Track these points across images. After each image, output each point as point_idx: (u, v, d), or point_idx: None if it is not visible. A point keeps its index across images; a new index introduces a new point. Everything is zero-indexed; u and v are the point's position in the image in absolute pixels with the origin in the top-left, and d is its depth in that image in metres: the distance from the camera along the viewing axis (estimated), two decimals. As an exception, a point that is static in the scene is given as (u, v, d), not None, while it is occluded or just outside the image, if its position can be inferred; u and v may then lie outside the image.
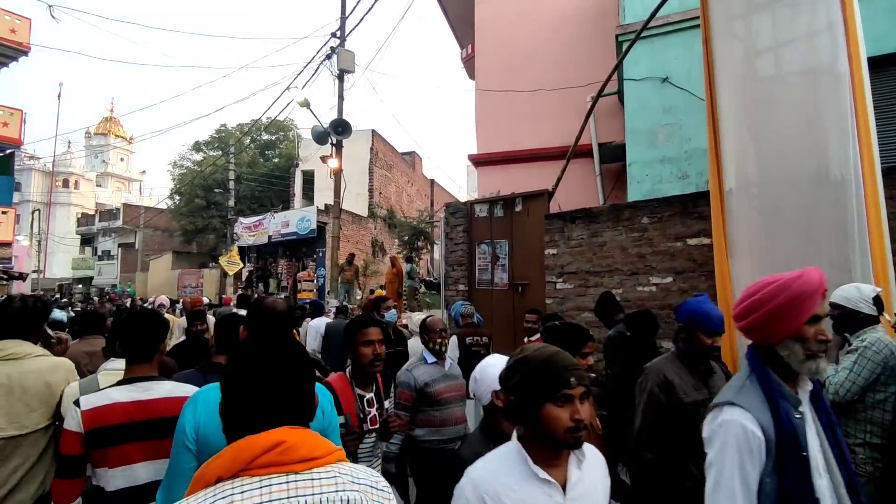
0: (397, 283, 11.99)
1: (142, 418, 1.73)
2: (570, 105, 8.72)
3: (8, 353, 2.07)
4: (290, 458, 0.91)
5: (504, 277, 6.21)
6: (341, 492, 0.93)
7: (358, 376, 2.28)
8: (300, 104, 9.23)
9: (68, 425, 1.70)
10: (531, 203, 5.96)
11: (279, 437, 0.91)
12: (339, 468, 0.97)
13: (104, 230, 35.21)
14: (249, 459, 0.88)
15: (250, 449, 0.89)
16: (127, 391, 1.76)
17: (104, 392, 1.76)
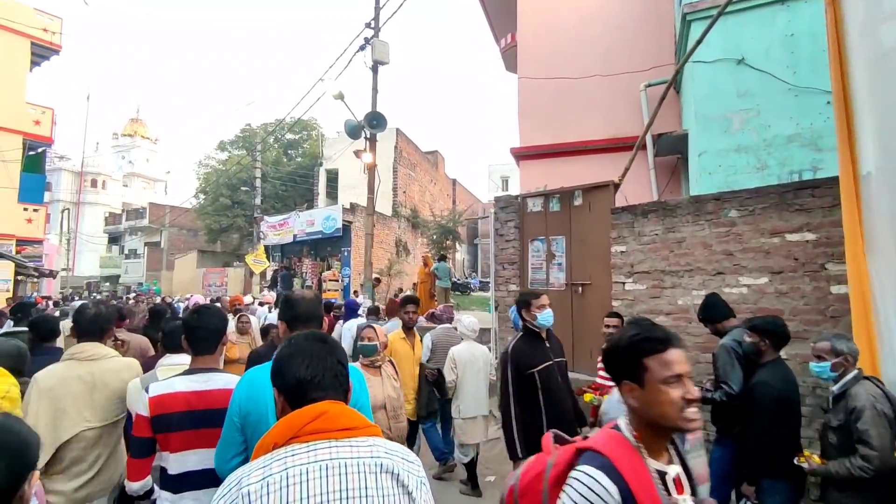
0: (430, 283, 11.59)
1: (200, 408, 1.86)
2: (618, 94, 8.19)
3: (89, 354, 2.34)
4: (332, 427, 1.09)
5: (560, 277, 5.73)
6: (376, 458, 1.08)
7: None
8: (334, 97, 8.88)
9: (138, 410, 1.86)
10: (593, 196, 5.46)
11: (323, 408, 1.11)
12: (375, 440, 1.13)
13: (131, 229, 35.67)
14: (299, 428, 1.08)
15: (299, 419, 1.09)
16: (189, 381, 1.90)
17: (169, 381, 1.91)
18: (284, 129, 26.04)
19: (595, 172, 6.67)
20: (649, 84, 7.77)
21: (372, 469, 1.07)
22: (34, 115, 17.62)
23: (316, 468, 1.03)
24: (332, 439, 1.08)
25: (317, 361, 1.19)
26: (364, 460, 1.07)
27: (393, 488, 1.08)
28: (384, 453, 1.11)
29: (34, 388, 2.20)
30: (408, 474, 1.12)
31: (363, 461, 1.07)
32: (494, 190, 43.61)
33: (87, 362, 2.33)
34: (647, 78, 7.88)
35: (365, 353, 3.23)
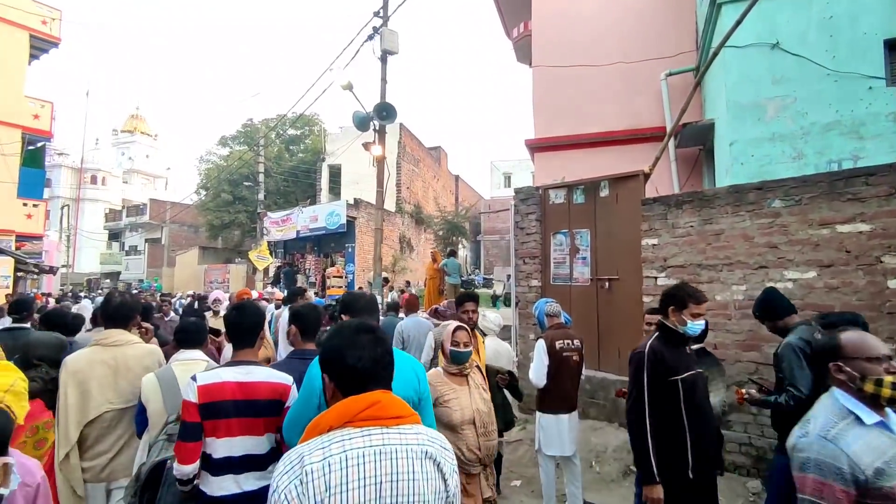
0: (439, 279, 11.33)
1: (243, 398, 1.95)
2: (637, 84, 7.94)
3: (114, 340, 2.48)
4: (384, 415, 1.19)
5: (585, 272, 5.48)
6: (422, 445, 1.20)
7: None
8: (343, 87, 8.61)
9: (187, 396, 1.93)
10: (621, 187, 5.21)
11: (376, 397, 1.21)
12: (419, 428, 1.25)
13: (131, 225, 35.39)
14: (354, 414, 1.18)
15: (355, 405, 1.19)
16: (234, 372, 1.98)
17: (216, 371, 2.01)
18: (287, 124, 25.74)
19: (614, 164, 6.43)
20: (671, 73, 7.53)
21: (418, 455, 1.17)
22: (33, 109, 17.33)
23: (371, 452, 1.13)
24: (384, 426, 1.17)
25: (368, 352, 1.26)
26: (412, 447, 1.18)
27: (434, 472, 1.19)
28: (427, 441, 1.22)
29: (63, 371, 2.39)
30: (444, 461, 1.22)
31: (411, 447, 1.17)
32: (497, 186, 43.36)
33: (112, 348, 2.48)
34: (668, 66, 7.63)
35: (458, 360, 2.66)
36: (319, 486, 1.07)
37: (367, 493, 1.10)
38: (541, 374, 3.65)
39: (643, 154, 7.65)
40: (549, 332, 3.82)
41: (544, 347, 3.69)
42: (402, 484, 1.13)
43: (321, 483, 1.08)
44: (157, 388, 2.29)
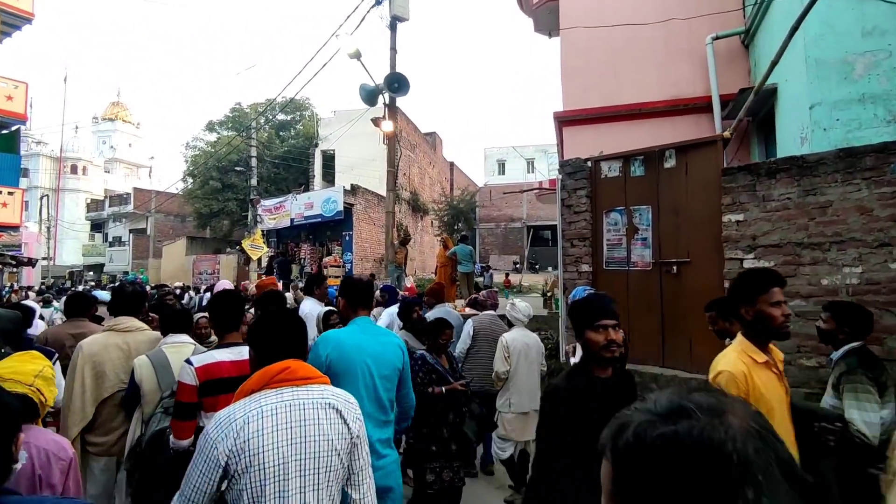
0: (451, 267, 10.61)
1: (238, 374, 2.05)
2: (678, 49, 7.22)
3: (126, 326, 2.76)
4: (294, 377, 1.52)
5: (646, 255, 4.80)
6: (325, 398, 1.53)
7: None
8: (350, 55, 7.78)
9: (184, 379, 2.13)
10: (693, 156, 4.51)
11: (287, 364, 1.54)
12: (326, 387, 1.58)
13: (115, 216, 34.07)
14: (270, 378, 1.50)
15: (270, 371, 1.51)
16: (227, 353, 2.21)
17: (209, 353, 2.23)
18: (278, 108, 24.64)
19: (654, 137, 5.73)
20: (717, 36, 6.81)
21: (322, 406, 1.51)
22: (6, 90, 16.13)
23: (283, 405, 1.46)
24: (295, 386, 1.52)
25: (279, 330, 1.64)
26: (316, 399, 1.52)
27: (336, 418, 1.52)
28: (331, 395, 1.56)
29: (80, 354, 2.58)
30: (346, 411, 1.56)
31: (315, 400, 1.52)
32: (490, 174, 42.58)
33: (124, 333, 2.71)
34: (712, 30, 6.91)
35: None
36: (241, 434, 1.39)
37: (280, 435, 1.42)
38: None
39: (685, 127, 6.98)
40: None
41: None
42: (308, 427, 1.47)
43: (243, 432, 1.39)
44: (150, 369, 2.50)
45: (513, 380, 3.91)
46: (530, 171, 42.43)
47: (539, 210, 37.31)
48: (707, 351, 3.23)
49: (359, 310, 2.45)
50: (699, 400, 0.54)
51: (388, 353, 2.33)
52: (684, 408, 0.53)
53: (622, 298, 4.90)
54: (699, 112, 7.06)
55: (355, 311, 2.44)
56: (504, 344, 3.92)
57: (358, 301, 2.46)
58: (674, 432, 0.51)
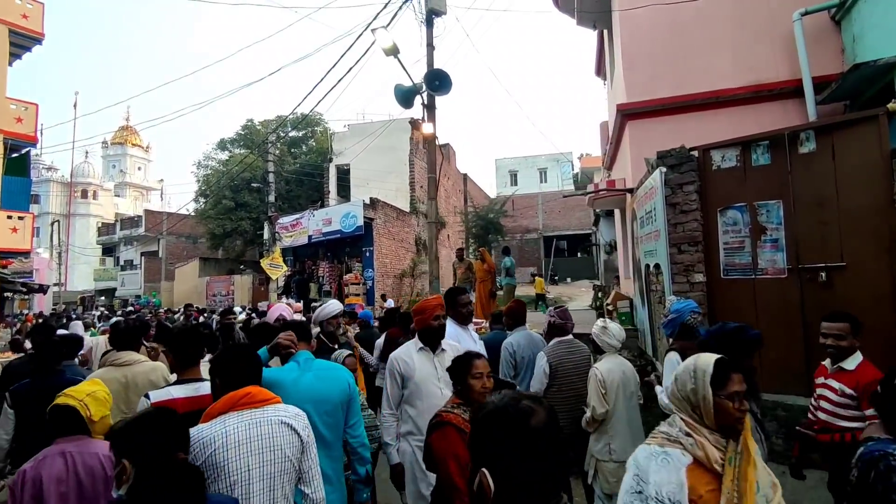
0: (490, 281, 9.79)
1: (194, 409, 2.12)
2: (757, 29, 6.46)
3: (124, 360, 2.87)
4: (254, 400, 1.84)
5: (778, 259, 3.96)
6: (280, 416, 1.85)
7: None
8: (386, 51, 7.07)
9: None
10: (842, 137, 3.69)
11: (248, 390, 1.86)
12: (279, 406, 1.91)
13: (126, 239, 33.61)
14: (235, 402, 1.81)
15: (235, 397, 1.82)
16: (183, 389, 2.29)
17: (166, 390, 2.32)
18: (290, 124, 24.14)
19: (735, 129, 4.95)
20: (806, 11, 6.04)
21: (276, 423, 1.83)
22: (16, 112, 15.66)
23: (244, 424, 1.78)
24: (254, 408, 1.83)
25: (239, 361, 1.97)
26: (272, 417, 1.84)
27: (288, 431, 1.84)
28: (283, 413, 1.88)
29: None
30: (296, 424, 1.88)
31: (271, 418, 1.83)
32: (503, 185, 41.89)
33: (123, 367, 2.84)
34: (794, 6, 6.13)
35: None
36: (208, 449, 1.70)
37: (243, 449, 1.74)
38: None
39: (771, 115, 6.17)
40: (683, 344, 3.00)
41: (678, 361, 2.75)
42: (266, 440, 1.79)
43: (210, 447, 1.71)
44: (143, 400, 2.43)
45: (611, 421, 3.16)
46: (543, 181, 41.75)
47: (555, 220, 36.56)
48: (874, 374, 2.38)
49: (300, 343, 2.58)
50: (521, 405, 1.02)
51: (329, 389, 2.40)
52: (507, 409, 1.03)
53: (748, 312, 4.06)
54: (785, 98, 6.26)
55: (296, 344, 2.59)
56: (598, 378, 3.16)
57: (300, 336, 2.60)
58: (497, 424, 1.01)
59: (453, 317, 3.26)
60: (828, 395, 2.57)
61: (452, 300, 3.32)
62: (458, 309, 3.32)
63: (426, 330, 2.75)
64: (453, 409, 2.08)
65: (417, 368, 2.72)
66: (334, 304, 3.74)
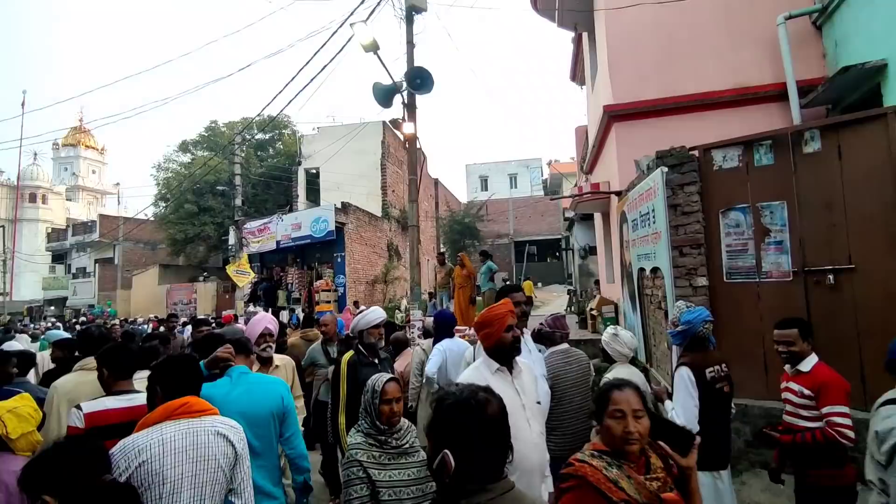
0: (469, 287, 9.54)
1: (128, 420, 2.12)
2: (742, 32, 6.46)
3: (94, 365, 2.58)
4: (191, 410, 1.85)
5: (783, 262, 3.85)
6: (215, 427, 1.87)
7: None
8: (365, 47, 6.75)
9: (71, 422, 2.21)
10: (849, 135, 3.60)
11: (186, 400, 1.87)
12: (216, 417, 1.92)
13: (79, 245, 31.82)
14: (171, 411, 1.82)
15: (171, 406, 1.83)
16: (116, 400, 2.29)
17: (100, 400, 2.30)
18: (256, 126, 23.36)
19: (721, 132, 4.88)
20: (790, 15, 6.06)
21: (211, 433, 1.84)
22: (-45, 108, 14.48)
23: (179, 433, 1.79)
24: (191, 418, 1.84)
25: (179, 372, 1.98)
26: (207, 427, 1.85)
27: (222, 441, 1.86)
28: (220, 424, 1.89)
29: (55, 393, 2.69)
30: (231, 435, 1.90)
31: (206, 428, 1.84)
32: (474, 190, 41.86)
33: (94, 371, 2.59)
34: (778, 10, 6.16)
35: None
36: (142, 456, 1.71)
37: (177, 457, 1.75)
38: (692, 414, 2.64)
39: (756, 118, 6.14)
40: (694, 356, 2.80)
41: (691, 378, 2.68)
42: (200, 450, 1.79)
43: (144, 454, 1.71)
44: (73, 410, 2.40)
45: None
46: (514, 187, 41.98)
47: (525, 225, 36.77)
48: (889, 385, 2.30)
49: (238, 357, 2.61)
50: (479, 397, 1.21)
51: (260, 403, 2.45)
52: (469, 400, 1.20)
53: (752, 317, 3.93)
54: (771, 101, 6.27)
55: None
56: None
57: (237, 349, 2.64)
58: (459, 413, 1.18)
59: None
60: (790, 397, 2.68)
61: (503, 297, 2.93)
62: None
63: (499, 347, 2.22)
64: (592, 459, 1.52)
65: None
66: (376, 312, 3.27)
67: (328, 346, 4.49)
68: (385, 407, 2.09)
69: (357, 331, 3.24)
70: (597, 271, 15.70)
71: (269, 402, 2.48)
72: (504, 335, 2.19)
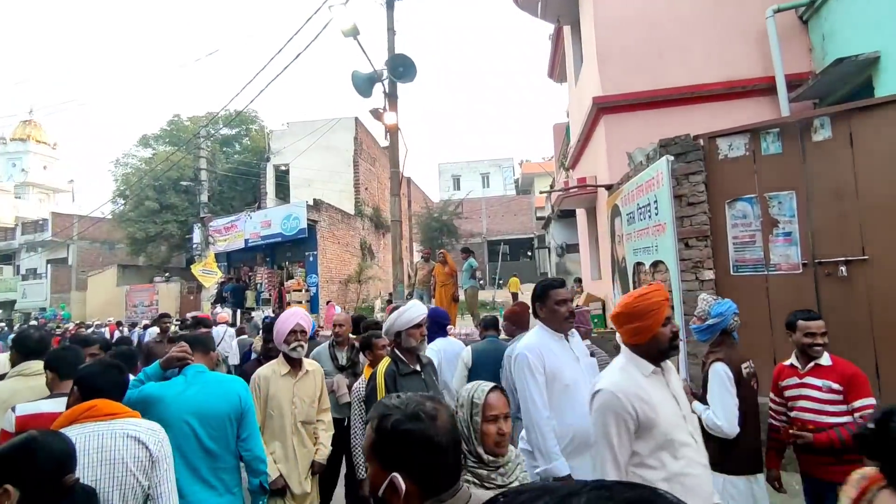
0: (452, 285, 9.27)
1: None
2: (731, 26, 6.41)
3: (34, 370, 2.68)
4: (98, 414, 1.80)
5: (791, 253, 3.72)
6: (126, 430, 1.79)
7: None
8: (345, 32, 6.39)
9: (4, 427, 2.16)
10: (861, 122, 3.49)
11: (93, 403, 1.82)
12: (130, 420, 1.86)
13: (28, 245, 29.99)
14: (77, 415, 1.78)
15: (77, 410, 1.80)
16: (54, 403, 2.21)
17: (35, 403, 2.25)
18: (221, 121, 22.48)
19: (710, 124, 4.79)
20: (779, 9, 6.04)
21: (121, 436, 1.78)
22: None
23: (83, 437, 1.72)
24: (98, 421, 1.78)
25: (95, 374, 1.95)
26: (117, 431, 1.78)
27: (134, 444, 1.78)
28: (132, 427, 1.82)
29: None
30: (148, 437, 1.83)
31: (115, 432, 1.78)
32: (445, 190, 41.65)
33: (33, 377, 2.66)
34: (774, 2, 6.12)
35: None
36: None
37: (79, 461, 1.59)
38: (733, 415, 2.44)
39: (744, 111, 6.09)
40: (728, 351, 2.61)
41: (728, 374, 2.48)
42: (105, 452, 1.73)
43: None
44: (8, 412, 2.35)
45: None
46: (486, 186, 41.97)
47: (498, 224, 36.78)
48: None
49: (196, 355, 2.51)
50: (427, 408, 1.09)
51: (215, 402, 2.37)
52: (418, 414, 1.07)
53: (760, 311, 3.79)
54: (760, 94, 6.25)
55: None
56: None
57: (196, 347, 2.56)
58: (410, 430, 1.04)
59: (545, 320, 2.48)
60: (809, 393, 2.52)
61: (544, 295, 2.48)
62: (553, 308, 2.45)
63: (656, 344, 1.79)
64: None
65: (659, 406, 1.72)
66: (416, 308, 2.69)
67: (337, 349, 3.95)
68: (490, 427, 1.60)
69: (392, 333, 2.68)
70: (574, 269, 15.69)
71: (225, 403, 2.40)
72: (662, 330, 1.77)
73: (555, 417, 2.26)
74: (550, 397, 2.28)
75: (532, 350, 2.35)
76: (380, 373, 2.59)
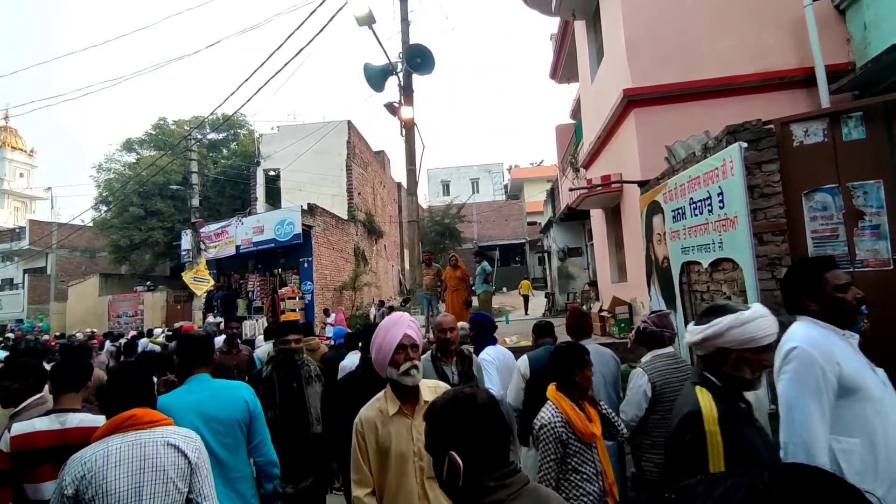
0: (464, 290, 8.85)
1: (59, 443, 2.17)
2: (766, 15, 6.15)
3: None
4: (139, 422, 1.83)
5: (881, 248, 3.39)
6: (166, 437, 1.83)
7: None
8: (359, 19, 5.97)
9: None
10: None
11: (132, 412, 1.84)
12: (168, 427, 1.89)
13: (5, 254, 28.81)
14: (118, 424, 1.81)
15: (118, 420, 1.82)
16: (48, 422, 2.22)
17: (30, 422, 2.22)
18: (209, 125, 21.82)
19: (743, 116, 4.46)
20: (816, -4, 5.78)
21: (161, 444, 1.81)
22: None
23: (126, 445, 1.76)
24: (139, 430, 1.82)
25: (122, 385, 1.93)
26: (157, 439, 1.81)
27: (173, 452, 1.81)
28: (172, 434, 1.86)
29: None
30: (185, 444, 1.86)
31: (156, 440, 1.81)
32: (435, 195, 41.26)
33: None
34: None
35: None
36: (86, 468, 1.71)
37: (122, 469, 1.72)
38: None
39: (778, 105, 5.82)
40: None
41: None
42: (147, 460, 1.75)
43: (89, 468, 1.71)
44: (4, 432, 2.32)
45: None
46: (475, 191, 41.68)
47: (489, 230, 36.48)
48: None
49: (195, 369, 2.47)
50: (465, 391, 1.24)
51: (223, 409, 2.35)
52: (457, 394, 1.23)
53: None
54: (796, 87, 5.98)
55: (191, 370, 2.46)
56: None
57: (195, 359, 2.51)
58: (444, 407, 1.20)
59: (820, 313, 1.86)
60: None
61: (819, 280, 1.91)
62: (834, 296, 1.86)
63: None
64: None
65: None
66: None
67: (443, 363, 3.07)
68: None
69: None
70: (577, 273, 15.37)
71: (233, 409, 2.39)
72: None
73: (863, 448, 1.66)
74: (851, 418, 1.70)
75: (821, 348, 1.71)
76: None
